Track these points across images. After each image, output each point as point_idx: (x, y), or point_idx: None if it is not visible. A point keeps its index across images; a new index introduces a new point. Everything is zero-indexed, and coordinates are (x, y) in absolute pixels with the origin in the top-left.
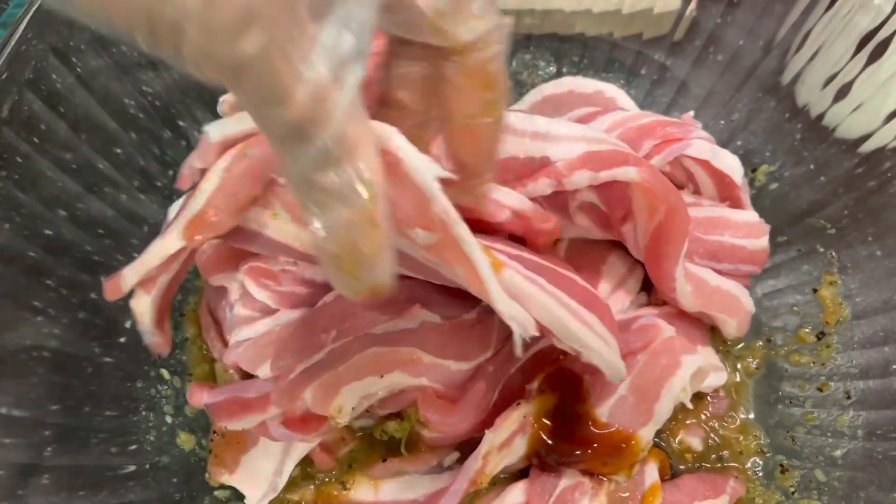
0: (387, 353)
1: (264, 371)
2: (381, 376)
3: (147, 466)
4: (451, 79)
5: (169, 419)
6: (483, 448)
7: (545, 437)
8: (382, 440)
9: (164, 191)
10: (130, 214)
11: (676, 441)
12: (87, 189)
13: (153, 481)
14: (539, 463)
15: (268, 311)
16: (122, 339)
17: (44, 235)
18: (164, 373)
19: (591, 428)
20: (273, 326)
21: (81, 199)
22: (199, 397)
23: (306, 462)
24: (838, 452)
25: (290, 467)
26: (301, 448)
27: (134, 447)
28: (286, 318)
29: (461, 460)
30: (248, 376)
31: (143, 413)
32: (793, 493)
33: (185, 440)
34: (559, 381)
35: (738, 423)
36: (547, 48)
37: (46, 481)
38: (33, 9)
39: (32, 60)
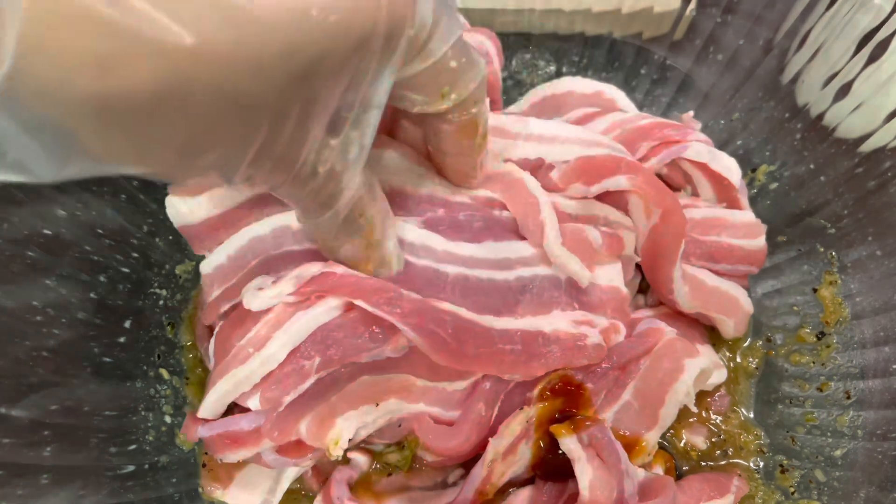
0: (379, 380)
1: (255, 403)
2: (377, 404)
3: (146, 466)
4: (443, 131)
5: (168, 419)
6: (488, 455)
7: (549, 444)
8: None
9: (162, 190)
10: (130, 215)
11: (681, 441)
12: (86, 189)
13: (152, 481)
14: (543, 474)
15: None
16: (122, 339)
17: (44, 235)
18: (164, 372)
19: None
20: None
21: (81, 199)
22: (194, 432)
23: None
24: (838, 452)
25: (284, 485)
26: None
27: (133, 447)
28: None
29: (466, 476)
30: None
31: (143, 413)
32: (792, 493)
33: (185, 440)
34: (561, 389)
35: (739, 420)
36: (547, 48)
37: (46, 481)
38: None
39: None
